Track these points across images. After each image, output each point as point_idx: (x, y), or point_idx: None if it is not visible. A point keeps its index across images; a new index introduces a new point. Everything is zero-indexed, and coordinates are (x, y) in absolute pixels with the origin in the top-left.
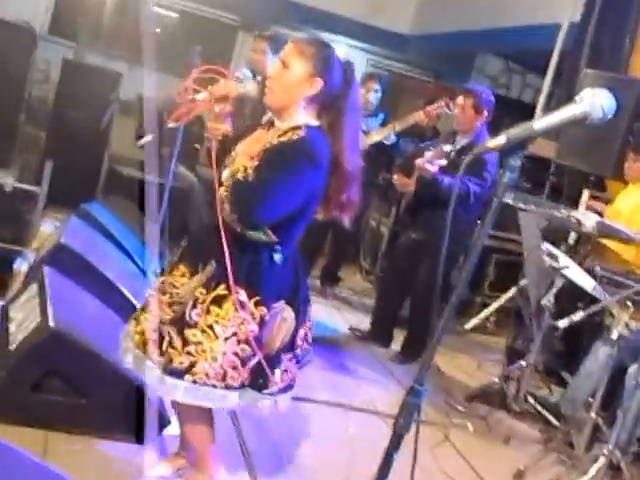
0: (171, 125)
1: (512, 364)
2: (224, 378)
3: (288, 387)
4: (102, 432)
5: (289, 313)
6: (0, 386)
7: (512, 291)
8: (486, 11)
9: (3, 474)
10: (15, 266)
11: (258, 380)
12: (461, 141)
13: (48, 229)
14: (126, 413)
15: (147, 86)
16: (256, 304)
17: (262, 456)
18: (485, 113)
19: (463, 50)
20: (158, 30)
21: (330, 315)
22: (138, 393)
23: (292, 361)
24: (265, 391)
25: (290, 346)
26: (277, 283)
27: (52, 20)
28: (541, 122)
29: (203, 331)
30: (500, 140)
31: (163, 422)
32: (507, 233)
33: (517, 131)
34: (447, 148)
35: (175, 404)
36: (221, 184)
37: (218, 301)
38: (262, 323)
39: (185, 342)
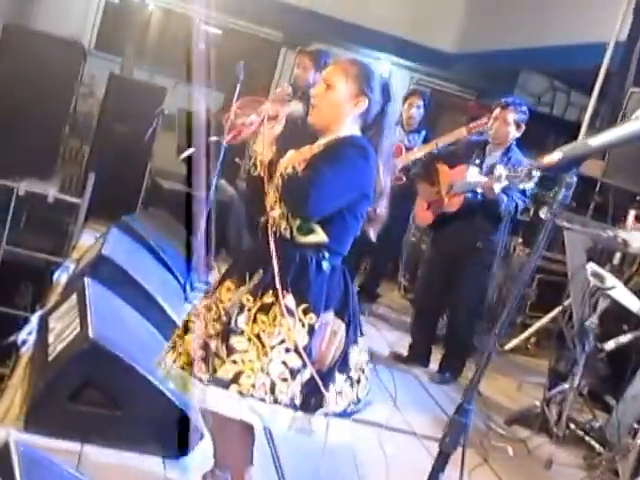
0: (212, 139)
1: (554, 387)
2: (272, 390)
3: (345, 413)
4: (136, 445)
5: (340, 327)
6: (38, 396)
7: (554, 312)
8: (531, 29)
9: None
10: (54, 277)
11: (311, 400)
12: (494, 153)
13: (88, 241)
14: (160, 427)
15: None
16: (305, 311)
17: (297, 476)
18: (523, 127)
19: (507, 68)
20: (202, 46)
21: (367, 332)
22: (173, 408)
23: (346, 383)
24: (319, 411)
25: (343, 365)
26: (325, 291)
27: (98, 35)
28: (597, 139)
29: (249, 339)
30: (555, 156)
31: (197, 437)
32: (550, 252)
33: (572, 148)
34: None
35: (216, 419)
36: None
37: (265, 309)
38: (311, 332)
39: (230, 351)
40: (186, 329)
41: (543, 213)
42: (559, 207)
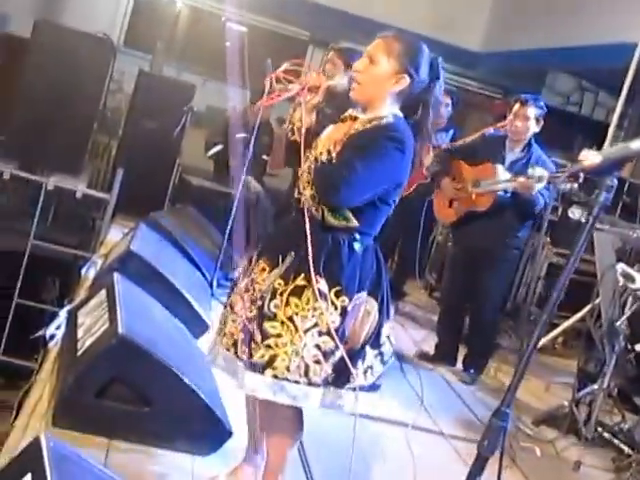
0: (240, 135)
1: (583, 388)
2: (307, 373)
3: (373, 386)
4: (164, 441)
5: (372, 306)
6: (66, 391)
7: (583, 312)
8: (559, 29)
9: (67, 479)
10: (82, 272)
11: (341, 376)
12: (514, 149)
13: (116, 236)
14: (189, 423)
15: (220, 98)
16: (337, 294)
17: (325, 475)
18: (542, 123)
19: (534, 67)
20: (228, 44)
21: (394, 331)
22: (202, 404)
23: (377, 358)
24: (347, 386)
25: (376, 342)
26: (358, 273)
27: (127, 32)
28: (638, 142)
29: (282, 323)
30: (595, 159)
31: (226, 434)
32: None
33: (613, 151)
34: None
35: (261, 405)
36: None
37: (297, 292)
38: (344, 314)
39: (264, 335)
40: (232, 308)
41: (572, 213)
42: (600, 210)
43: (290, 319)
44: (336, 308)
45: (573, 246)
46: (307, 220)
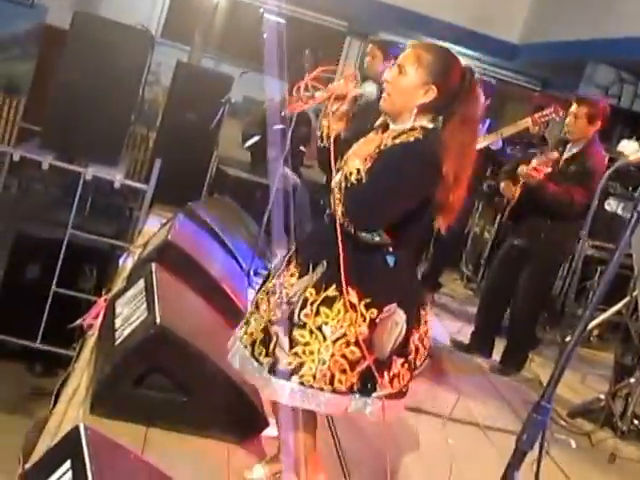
0: (277, 126)
1: (620, 381)
2: (332, 381)
3: (399, 394)
4: (201, 430)
5: (401, 317)
6: (104, 380)
7: (619, 305)
8: (598, 20)
9: (106, 466)
10: (120, 261)
11: (367, 385)
12: (572, 149)
13: (153, 227)
14: (225, 412)
15: (257, 90)
16: (367, 306)
17: (361, 466)
18: (599, 123)
19: (573, 59)
20: (266, 35)
21: (430, 322)
22: (239, 394)
23: (404, 367)
24: (373, 394)
25: (402, 350)
26: (389, 286)
27: (165, 24)
28: None
29: (311, 332)
30: None
31: (262, 423)
32: (614, 244)
33: None
34: (554, 156)
35: (279, 407)
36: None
37: (328, 302)
38: (372, 326)
39: (293, 343)
40: (253, 310)
41: (608, 205)
42: None
43: (319, 329)
44: (365, 320)
45: (617, 241)
46: (339, 233)
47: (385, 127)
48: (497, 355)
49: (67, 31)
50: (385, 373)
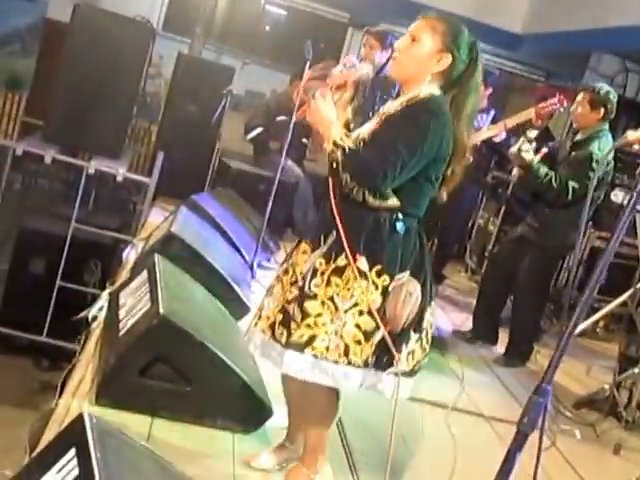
0: (280, 118)
1: (624, 371)
2: (347, 353)
3: (412, 372)
4: (205, 420)
5: (415, 287)
6: (108, 370)
7: (624, 296)
8: (602, 9)
9: (111, 456)
10: (124, 254)
11: (382, 359)
12: (578, 137)
13: (157, 219)
14: (229, 402)
15: (259, 82)
16: (378, 273)
17: (365, 455)
18: (601, 110)
19: (577, 49)
20: (268, 28)
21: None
22: (242, 383)
23: (418, 343)
24: (389, 370)
25: (418, 326)
26: (400, 253)
27: (166, 16)
28: None
29: (323, 303)
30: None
31: (267, 413)
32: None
33: None
34: (532, 134)
35: (296, 382)
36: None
37: (338, 272)
38: (385, 294)
39: (304, 314)
40: (267, 294)
41: (615, 196)
42: None
43: (331, 299)
44: (377, 287)
45: (614, 228)
46: (348, 201)
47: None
48: (500, 347)
49: (68, 24)
50: (403, 347)
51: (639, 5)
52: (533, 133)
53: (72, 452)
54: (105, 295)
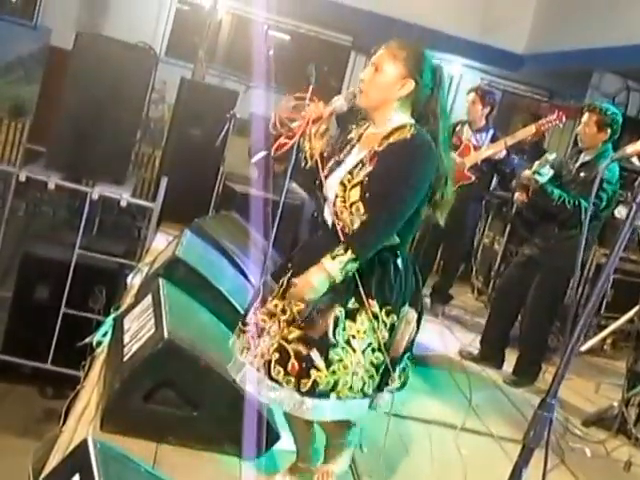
0: (274, 154)
1: (633, 388)
2: (363, 389)
3: (402, 386)
4: (212, 445)
5: (413, 316)
6: (113, 396)
7: (631, 312)
8: (603, 28)
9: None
10: (128, 279)
11: (382, 381)
12: (584, 157)
13: (161, 244)
14: (236, 427)
15: (263, 105)
16: (387, 313)
17: (372, 475)
18: (608, 131)
19: (579, 68)
20: (271, 52)
21: (441, 334)
22: (249, 407)
23: (409, 360)
24: (386, 389)
25: (410, 346)
26: (402, 289)
27: (169, 42)
28: None
29: (342, 348)
30: (639, 145)
31: (273, 437)
32: (625, 252)
33: None
34: (551, 157)
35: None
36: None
37: (351, 315)
38: (392, 330)
39: (328, 362)
40: (262, 330)
41: (618, 212)
42: None
43: (347, 342)
44: (386, 325)
45: (616, 229)
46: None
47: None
48: (508, 366)
49: (70, 51)
50: (397, 368)
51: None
52: (552, 156)
53: (76, 478)
54: (109, 320)
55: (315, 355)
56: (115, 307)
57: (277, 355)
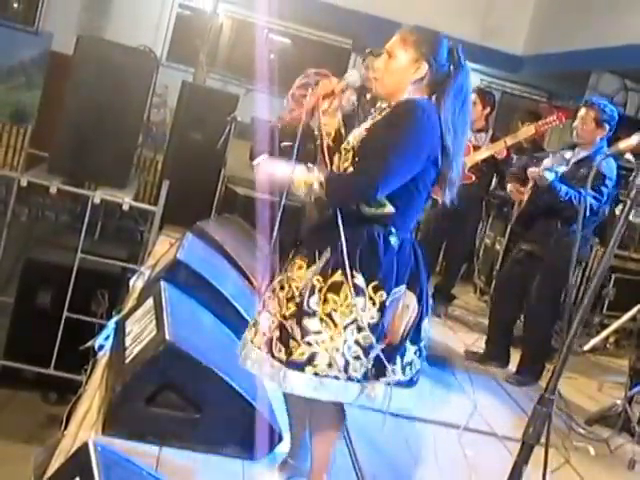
0: (285, 143)
1: (636, 386)
2: (346, 369)
3: (410, 382)
4: (214, 447)
5: (412, 299)
6: (115, 399)
7: (633, 311)
8: (600, 29)
9: None
10: (131, 283)
11: (379, 370)
12: (579, 153)
13: (163, 247)
14: (239, 428)
15: (264, 108)
16: (375, 289)
17: (376, 476)
18: (606, 127)
19: (577, 69)
20: (273, 56)
21: (444, 334)
22: (251, 409)
23: (417, 354)
24: (382, 379)
25: (416, 337)
26: (395, 267)
27: (170, 47)
28: None
29: (322, 320)
30: (632, 141)
31: (275, 438)
32: (627, 251)
33: None
34: (568, 155)
35: (303, 402)
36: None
37: (335, 288)
38: (382, 309)
39: (304, 332)
40: (264, 306)
41: (619, 210)
42: (638, 192)
43: (329, 316)
44: (374, 303)
45: (613, 227)
46: (342, 214)
47: (381, 111)
48: (513, 366)
49: (72, 56)
50: (398, 359)
51: (637, 25)
52: (569, 154)
53: None
54: (111, 324)
55: (292, 324)
56: (117, 310)
57: (278, 333)
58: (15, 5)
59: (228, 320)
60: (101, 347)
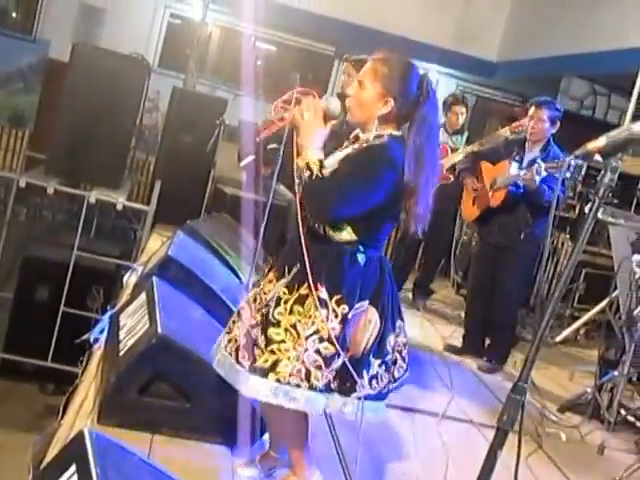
0: (270, 146)
1: (605, 375)
2: (308, 378)
3: (379, 396)
4: (204, 436)
5: (374, 314)
6: (109, 390)
7: (602, 304)
8: (572, 37)
9: (112, 471)
10: (124, 279)
11: (345, 384)
12: (533, 149)
13: (155, 245)
14: (227, 418)
15: (251, 113)
16: (337, 302)
17: (360, 466)
18: (558, 124)
19: (549, 74)
20: (259, 62)
21: (422, 327)
22: (240, 399)
23: (382, 367)
24: (353, 395)
25: (378, 351)
26: (360, 283)
27: (161, 54)
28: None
29: (286, 330)
30: (600, 142)
31: (264, 427)
32: (596, 247)
33: (616, 132)
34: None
35: (265, 405)
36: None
37: (300, 300)
38: (344, 322)
39: (268, 341)
40: (235, 319)
41: (589, 209)
42: (605, 191)
43: (293, 326)
44: (337, 316)
45: (582, 224)
46: (310, 234)
47: (356, 138)
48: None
49: (67, 63)
50: (364, 373)
51: (606, 32)
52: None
53: (73, 468)
54: (106, 317)
55: (258, 332)
56: (112, 305)
57: (244, 340)
58: (14, 15)
59: (217, 313)
60: (96, 340)
